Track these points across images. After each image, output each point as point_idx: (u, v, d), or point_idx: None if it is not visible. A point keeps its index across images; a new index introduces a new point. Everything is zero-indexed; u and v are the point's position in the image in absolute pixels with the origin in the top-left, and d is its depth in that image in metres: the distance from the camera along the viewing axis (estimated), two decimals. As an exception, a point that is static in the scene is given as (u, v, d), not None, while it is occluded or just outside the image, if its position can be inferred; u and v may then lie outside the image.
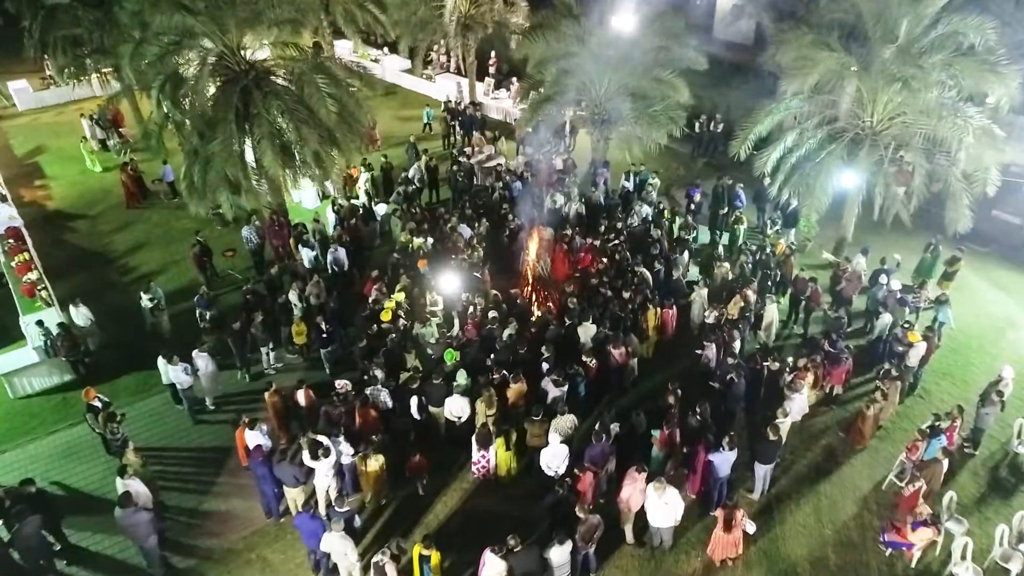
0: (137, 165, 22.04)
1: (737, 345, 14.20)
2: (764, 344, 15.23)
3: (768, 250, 17.13)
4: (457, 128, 25.94)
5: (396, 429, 12.89)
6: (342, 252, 17.21)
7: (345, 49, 34.03)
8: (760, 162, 16.93)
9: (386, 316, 14.51)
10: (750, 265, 16.68)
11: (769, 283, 15.99)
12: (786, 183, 16.77)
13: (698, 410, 12.03)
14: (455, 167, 21.49)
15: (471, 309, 14.75)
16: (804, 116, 16.78)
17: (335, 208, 19.62)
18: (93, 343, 15.76)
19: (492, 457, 12.10)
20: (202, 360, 13.68)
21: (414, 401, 12.57)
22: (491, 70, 30.66)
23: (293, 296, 15.67)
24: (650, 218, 18.81)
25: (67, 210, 22.01)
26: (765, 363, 13.35)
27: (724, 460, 11.36)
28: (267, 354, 15.04)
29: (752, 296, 15.24)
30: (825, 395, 14.00)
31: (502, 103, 28.28)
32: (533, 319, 14.75)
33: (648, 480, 10.77)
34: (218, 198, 16.09)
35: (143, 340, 15.80)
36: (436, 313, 15.09)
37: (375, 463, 11.49)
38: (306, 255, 17.29)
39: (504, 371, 13.07)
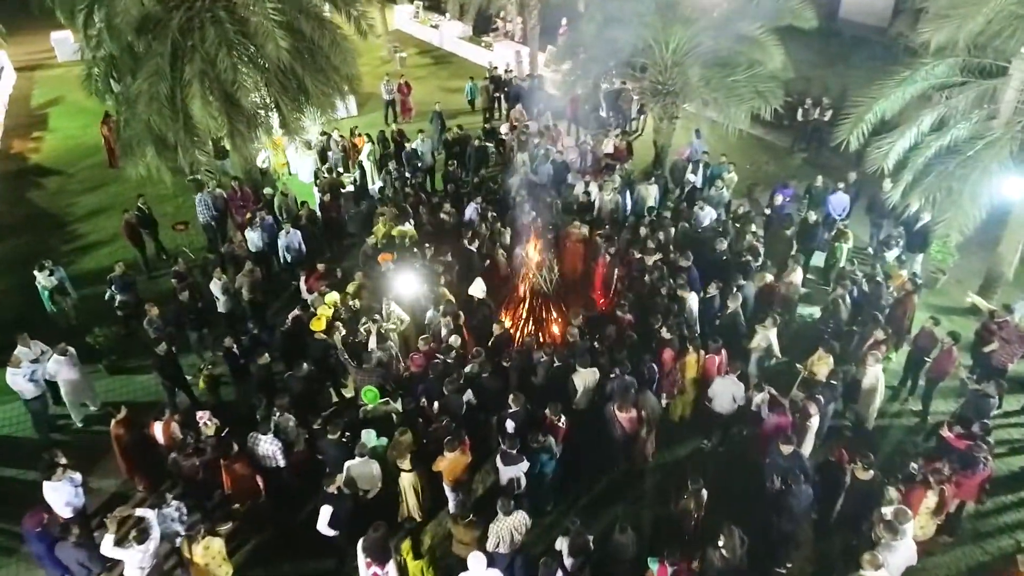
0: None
1: (814, 422, 9.26)
2: (860, 423, 10.17)
3: (880, 281, 11.84)
4: (503, 101, 21.70)
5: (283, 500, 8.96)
6: (297, 237, 13.40)
7: (406, 14, 31.00)
8: (878, 154, 11.69)
9: (318, 325, 10.50)
10: (849, 301, 11.49)
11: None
12: (915, 187, 11.49)
13: (721, 545, 7.21)
14: (477, 142, 17.22)
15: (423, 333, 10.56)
16: (951, 89, 11.42)
17: (316, 181, 15.93)
18: (-19, 323, 12.78)
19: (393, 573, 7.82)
20: (58, 365, 10.21)
21: (325, 512, 7.91)
22: (560, 40, 26.15)
23: (216, 287, 11.98)
24: (717, 224, 13.84)
25: (47, 165, 19.64)
26: (852, 464, 8.33)
27: (758, 640, 6.62)
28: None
29: (880, 337, 10.27)
30: (949, 516, 8.81)
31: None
32: (512, 351, 10.27)
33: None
34: (146, 156, 12.69)
35: (42, 326, 12.59)
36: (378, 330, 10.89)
37: (205, 551, 7.51)
38: (251, 238, 13.54)
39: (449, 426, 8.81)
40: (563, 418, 9.01)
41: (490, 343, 10.48)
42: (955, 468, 8.33)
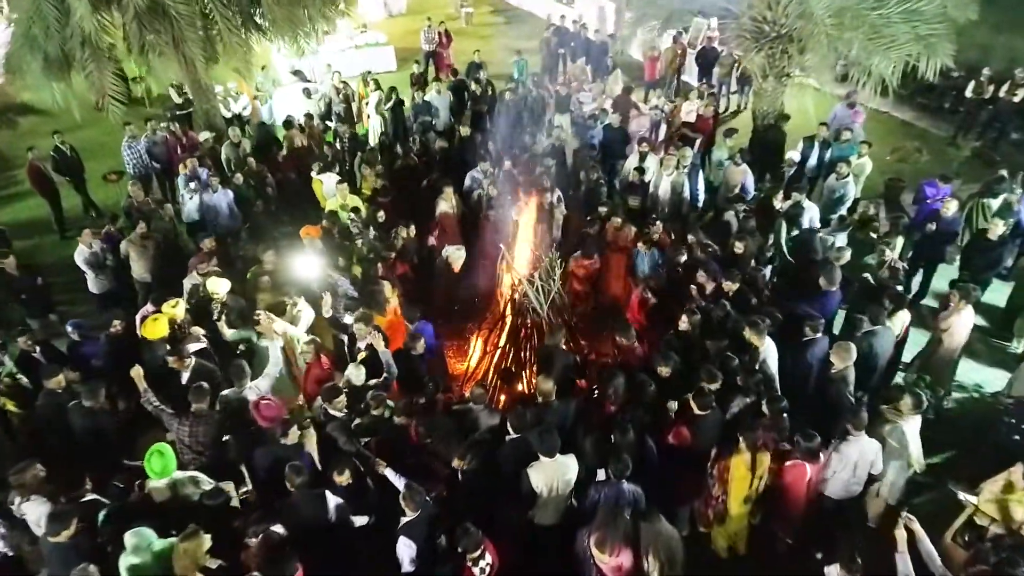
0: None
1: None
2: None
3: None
4: (569, 60, 17.34)
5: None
6: (227, 198, 9.71)
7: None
8: None
9: (154, 332, 6.69)
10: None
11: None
12: None
13: None
14: (508, 95, 13.00)
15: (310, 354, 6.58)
16: None
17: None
18: None
19: None
20: None
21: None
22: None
23: (81, 258, 8.45)
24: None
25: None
26: None
27: None
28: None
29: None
30: None
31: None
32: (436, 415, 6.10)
33: None
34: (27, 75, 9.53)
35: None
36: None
37: None
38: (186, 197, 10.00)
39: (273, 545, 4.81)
40: (486, 556, 4.77)
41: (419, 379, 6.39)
42: None
